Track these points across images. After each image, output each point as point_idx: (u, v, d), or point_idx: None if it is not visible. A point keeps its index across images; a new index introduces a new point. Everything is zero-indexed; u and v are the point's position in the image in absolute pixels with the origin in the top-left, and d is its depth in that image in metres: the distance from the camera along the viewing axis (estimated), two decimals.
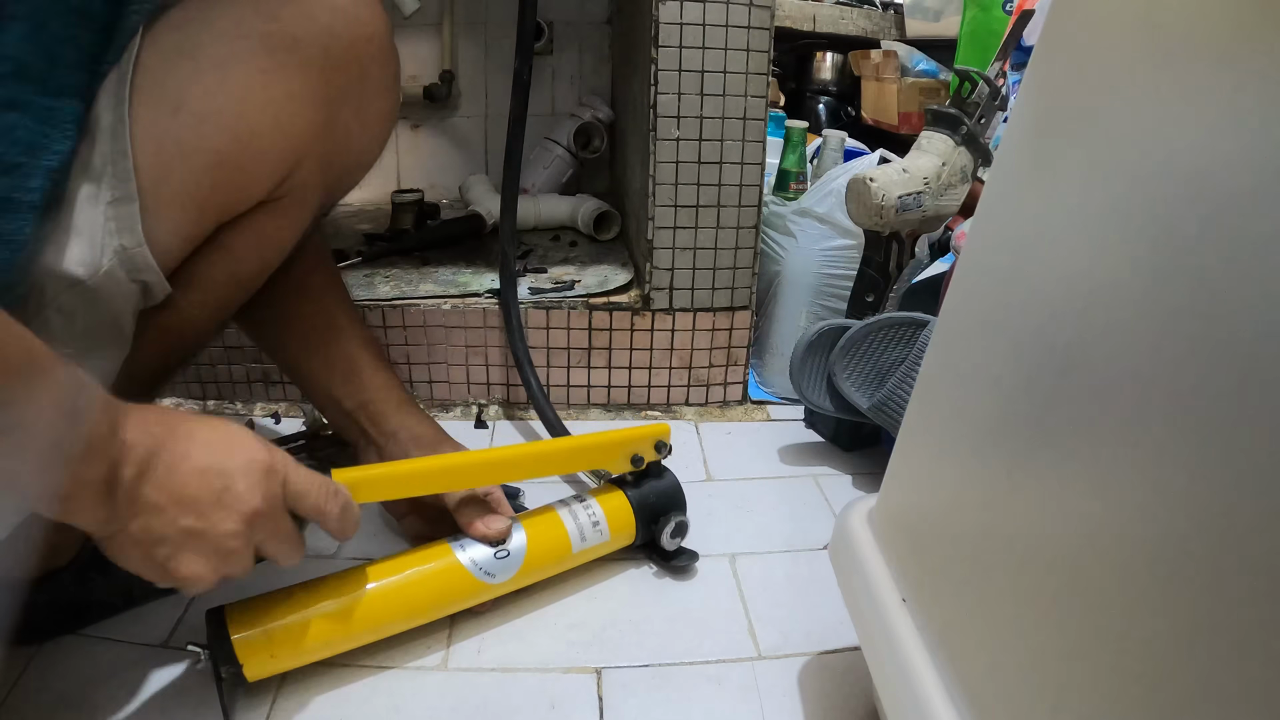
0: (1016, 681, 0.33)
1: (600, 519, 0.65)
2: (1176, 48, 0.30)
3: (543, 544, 0.63)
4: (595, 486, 0.72)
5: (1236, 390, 0.24)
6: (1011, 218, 0.40)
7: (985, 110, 0.86)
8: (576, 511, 0.65)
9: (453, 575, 0.59)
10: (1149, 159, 0.30)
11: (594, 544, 0.65)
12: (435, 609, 0.60)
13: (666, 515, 0.67)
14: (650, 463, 0.68)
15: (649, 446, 0.68)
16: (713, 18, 0.83)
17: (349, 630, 0.56)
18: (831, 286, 0.99)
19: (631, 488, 0.68)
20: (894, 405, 0.75)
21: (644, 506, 0.68)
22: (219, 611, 0.52)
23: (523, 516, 0.64)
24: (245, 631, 0.52)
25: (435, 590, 0.59)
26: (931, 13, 1.41)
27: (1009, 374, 0.37)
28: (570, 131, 1.29)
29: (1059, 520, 0.31)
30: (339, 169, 0.58)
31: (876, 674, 0.43)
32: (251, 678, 0.52)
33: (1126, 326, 0.29)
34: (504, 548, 0.61)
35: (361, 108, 0.56)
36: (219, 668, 0.51)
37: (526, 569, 0.62)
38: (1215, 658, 0.23)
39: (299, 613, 0.54)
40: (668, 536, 0.68)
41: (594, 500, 0.67)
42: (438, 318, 0.92)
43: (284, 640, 0.53)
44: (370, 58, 0.55)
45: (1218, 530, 0.24)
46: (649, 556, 0.71)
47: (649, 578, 0.69)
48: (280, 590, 0.55)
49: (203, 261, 0.52)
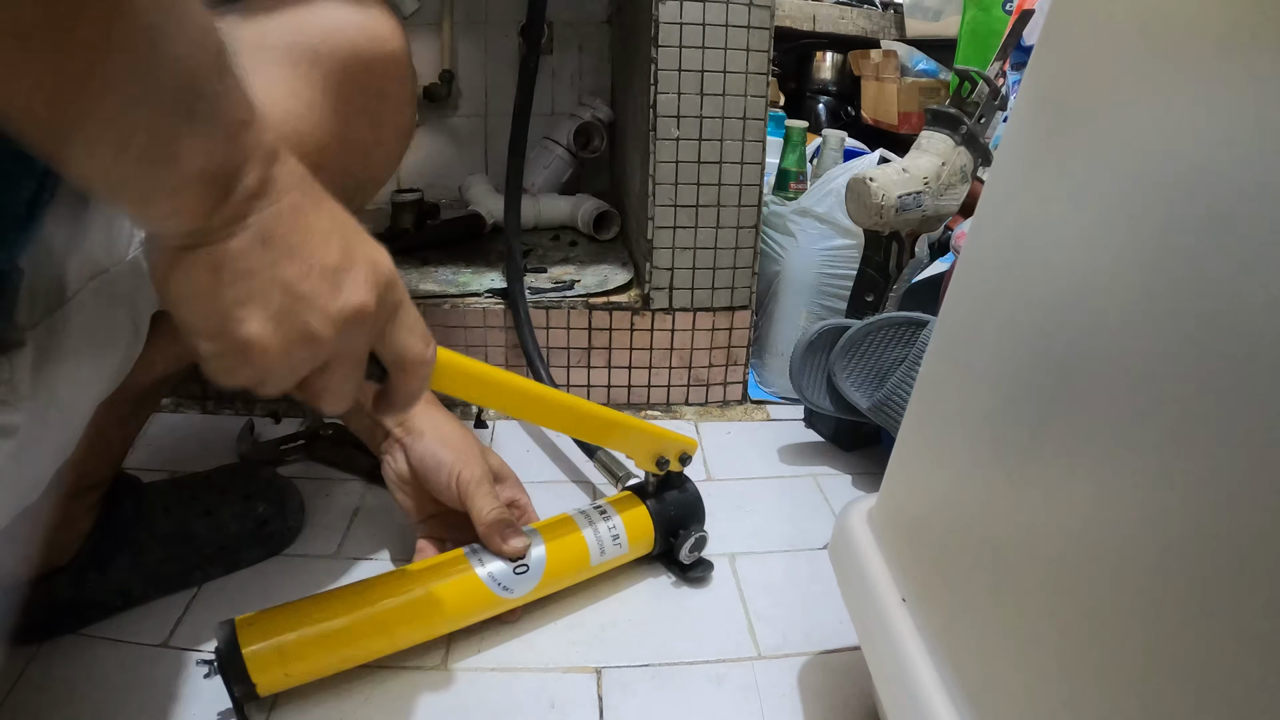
0: (1016, 681, 0.33)
1: (620, 532, 0.64)
2: (1176, 47, 0.30)
3: (562, 558, 0.62)
4: (613, 495, 0.71)
5: (1237, 390, 0.24)
6: (1011, 218, 0.40)
7: (985, 110, 0.86)
8: (597, 524, 0.64)
9: (469, 589, 0.58)
10: (1149, 158, 0.30)
11: (613, 557, 0.64)
12: (451, 623, 0.59)
13: (686, 529, 0.67)
14: (672, 472, 0.68)
15: (675, 454, 0.67)
16: (713, 17, 0.83)
17: (363, 644, 0.54)
18: (831, 286, 0.99)
19: (651, 498, 0.67)
20: (894, 405, 0.75)
21: (664, 519, 0.67)
22: (229, 625, 0.51)
23: (542, 527, 0.63)
24: (257, 645, 0.50)
25: (451, 604, 0.58)
26: (931, 13, 1.41)
27: (1009, 374, 0.37)
28: (570, 131, 1.29)
29: (1059, 520, 0.31)
30: (354, 182, 0.58)
31: (876, 674, 0.43)
32: (264, 693, 0.51)
33: (1126, 326, 0.29)
34: (523, 562, 0.60)
35: (378, 123, 0.56)
36: (231, 684, 0.49)
37: (545, 583, 0.61)
38: (1215, 658, 0.23)
39: (312, 626, 0.52)
40: (687, 551, 0.67)
41: (614, 511, 0.65)
42: (438, 318, 0.92)
43: (297, 654, 0.51)
44: (389, 75, 0.55)
45: (1217, 530, 0.24)
46: (665, 566, 0.70)
47: (649, 578, 0.69)
48: (290, 604, 0.54)
49: None
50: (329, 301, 0.37)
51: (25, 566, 0.53)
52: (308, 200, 0.37)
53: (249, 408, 0.95)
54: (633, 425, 0.65)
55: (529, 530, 0.62)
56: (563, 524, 0.64)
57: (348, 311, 0.37)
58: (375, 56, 0.54)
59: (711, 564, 0.69)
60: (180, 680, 0.56)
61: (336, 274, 0.37)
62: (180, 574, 0.64)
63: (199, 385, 0.95)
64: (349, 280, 0.38)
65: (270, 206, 0.35)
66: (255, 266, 0.35)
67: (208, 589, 0.65)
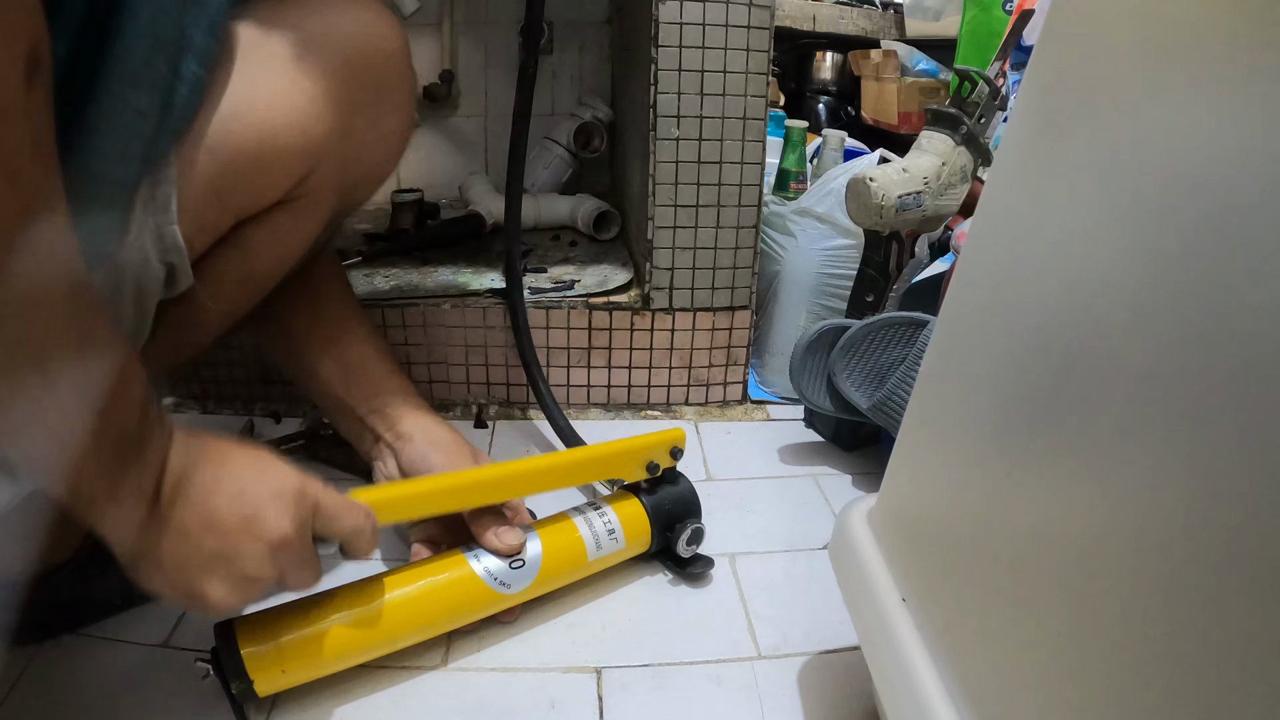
0: (1016, 681, 0.33)
1: (616, 526, 0.65)
2: (1176, 47, 0.30)
3: (558, 553, 0.62)
4: (609, 493, 0.71)
5: (1237, 389, 0.24)
6: (1011, 218, 0.40)
7: (985, 110, 0.86)
8: (591, 519, 0.64)
9: (467, 586, 0.58)
10: (1149, 158, 0.30)
11: (609, 552, 0.65)
12: (450, 620, 0.59)
13: (682, 522, 0.67)
14: (665, 468, 0.68)
15: (664, 453, 0.67)
16: (713, 17, 0.83)
17: (362, 643, 0.54)
18: (831, 286, 0.99)
19: (646, 494, 0.67)
20: (894, 405, 0.75)
21: (659, 513, 0.67)
22: (228, 625, 0.51)
23: (537, 525, 0.63)
24: (256, 645, 0.50)
25: (449, 601, 0.58)
26: (931, 12, 1.41)
27: (1009, 373, 0.37)
28: (570, 131, 1.29)
29: (1059, 520, 0.31)
30: (353, 177, 0.59)
31: (876, 674, 0.43)
32: (263, 693, 0.51)
33: (1127, 325, 0.29)
34: (519, 558, 0.60)
35: (377, 120, 0.58)
36: (229, 683, 0.50)
37: (542, 579, 0.61)
38: (1216, 657, 0.23)
39: (311, 626, 0.52)
40: (684, 544, 0.67)
41: (609, 507, 0.66)
42: (438, 317, 0.92)
43: (295, 654, 0.51)
44: (388, 73, 0.57)
45: (1218, 529, 0.24)
46: (664, 564, 0.70)
47: (649, 578, 0.69)
48: (290, 603, 0.54)
49: (220, 257, 0.54)
50: (258, 549, 0.45)
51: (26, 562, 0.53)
52: (209, 471, 0.45)
53: (249, 407, 0.95)
54: (610, 451, 0.66)
55: (524, 528, 0.62)
56: (557, 520, 0.65)
57: (274, 544, 0.46)
58: (375, 53, 0.55)
59: (711, 560, 0.69)
60: (180, 680, 0.56)
61: (252, 523, 0.45)
62: None
63: (199, 384, 0.95)
64: (262, 523, 0.45)
65: (182, 504, 0.43)
66: (191, 554, 0.44)
67: None
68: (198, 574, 0.44)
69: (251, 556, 0.45)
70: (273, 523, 0.45)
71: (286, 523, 0.46)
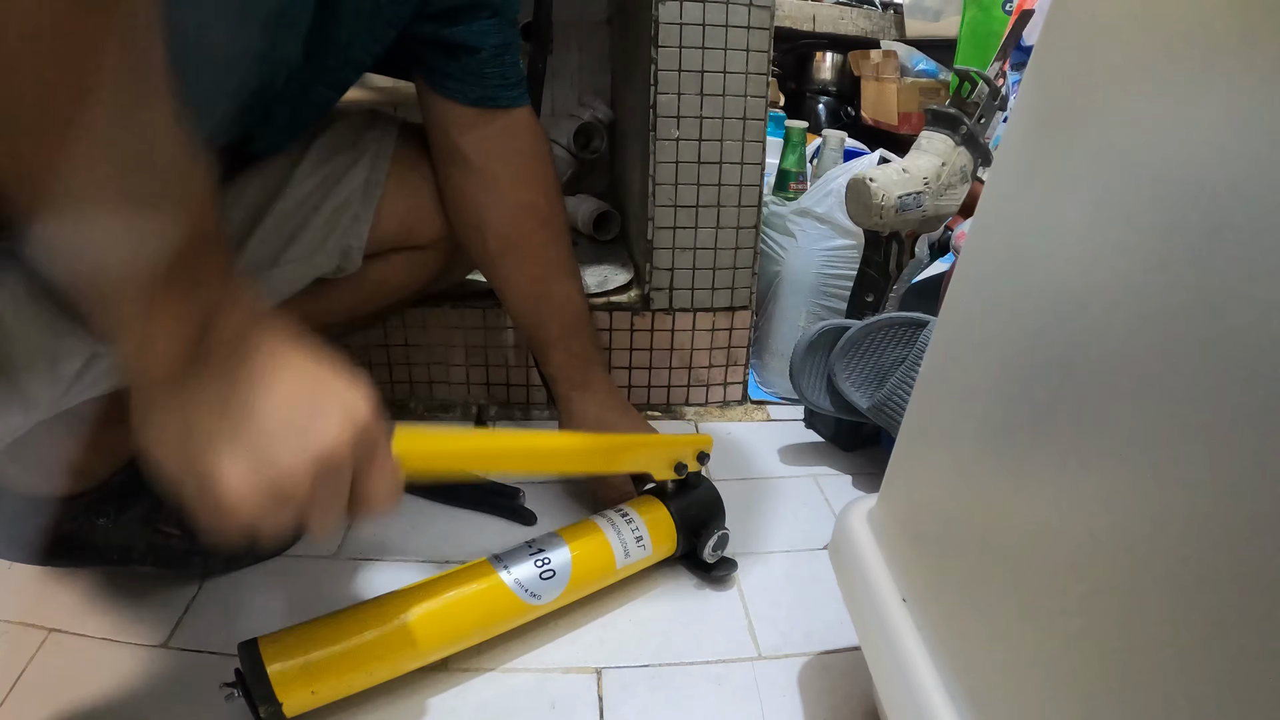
0: (1016, 681, 0.33)
1: (644, 533, 0.64)
2: (1177, 47, 0.30)
3: (587, 561, 0.61)
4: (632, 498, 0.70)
5: (1238, 390, 0.24)
6: (1011, 218, 0.40)
7: (985, 110, 0.86)
8: (619, 526, 0.64)
9: (497, 596, 0.57)
10: (1149, 158, 0.30)
11: (637, 559, 0.64)
12: (480, 633, 0.58)
13: (708, 528, 0.66)
14: (690, 472, 0.67)
15: (692, 455, 0.67)
16: (713, 18, 0.83)
17: (391, 659, 0.53)
18: (831, 286, 0.99)
19: (671, 499, 0.67)
20: (894, 405, 0.75)
21: (686, 518, 0.66)
22: (252, 644, 0.49)
23: (565, 532, 0.63)
24: (282, 663, 0.48)
25: (479, 613, 0.57)
26: (931, 13, 1.41)
27: (1009, 374, 0.37)
28: (570, 131, 1.29)
29: (1059, 520, 0.31)
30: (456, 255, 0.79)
31: (876, 674, 0.43)
32: (290, 713, 0.49)
33: (1127, 326, 0.29)
34: (549, 567, 0.59)
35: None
36: (256, 706, 0.48)
37: (572, 588, 0.60)
38: (1216, 657, 0.23)
39: (339, 643, 0.51)
40: (710, 549, 0.66)
41: (635, 513, 0.65)
42: (438, 318, 0.92)
43: (324, 672, 0.50)
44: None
45: (1218, 530, 0.24)
46: (688, 568, 0.69)
47: (650, 578, 0.69)
48: (313, 621, 0.52)
49: (370, 265, 0.71)
50: (300, 451, 0.37)
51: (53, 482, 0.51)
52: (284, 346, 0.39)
53: None
54: (643, 441, 0.65)
55: (552, 535, 0.62)
56: (585, 528, 0.63)
57: (321, 458, 0.38)
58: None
59: (735, 563, 0.68)
60: (180, 680, 0.56)
61: (308, 421, 0.38)
62: (183, 554, 0.64)
63: None
64: (319, 430, 0.38)
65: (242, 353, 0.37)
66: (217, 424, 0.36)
67: (207, 590, 0.65)
68: (219, 450, 0.36)
69: (291, 458, 0.37)
70: (332, 435, 0.38)
71: (345, 446, 0.39)
